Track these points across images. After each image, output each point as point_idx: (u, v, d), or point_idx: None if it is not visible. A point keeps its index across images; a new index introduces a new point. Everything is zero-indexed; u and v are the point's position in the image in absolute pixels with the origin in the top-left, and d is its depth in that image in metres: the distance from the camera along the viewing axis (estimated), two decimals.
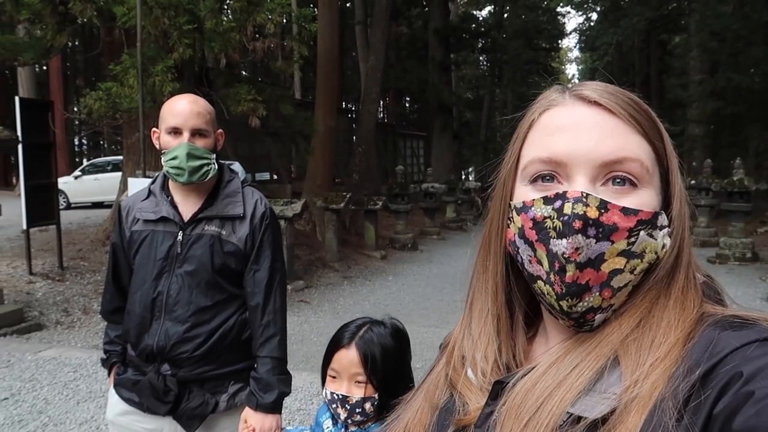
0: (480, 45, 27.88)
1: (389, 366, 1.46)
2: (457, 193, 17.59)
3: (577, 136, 0.61)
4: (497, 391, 0.63)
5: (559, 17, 34.33)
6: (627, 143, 0.61)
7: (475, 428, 0.64)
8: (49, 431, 3.71)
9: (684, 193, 0.65)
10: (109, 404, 1.95)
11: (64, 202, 16.17)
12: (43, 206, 7.50)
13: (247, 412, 1.78)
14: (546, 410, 0.56)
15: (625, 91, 0.65)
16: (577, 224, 0.58)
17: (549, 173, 0.63)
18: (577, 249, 0.58)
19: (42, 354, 5.20)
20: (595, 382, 0.56)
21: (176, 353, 1.78)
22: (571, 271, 0.59)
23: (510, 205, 0.67)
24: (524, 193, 0.65)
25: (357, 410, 1.44)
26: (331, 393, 1.46)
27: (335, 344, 1.49)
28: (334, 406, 1.47)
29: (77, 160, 28.19)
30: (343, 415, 1.45)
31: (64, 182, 16.69)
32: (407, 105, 36.03)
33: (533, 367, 0.62)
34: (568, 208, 0.58)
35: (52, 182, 7.71)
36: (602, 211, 0.58)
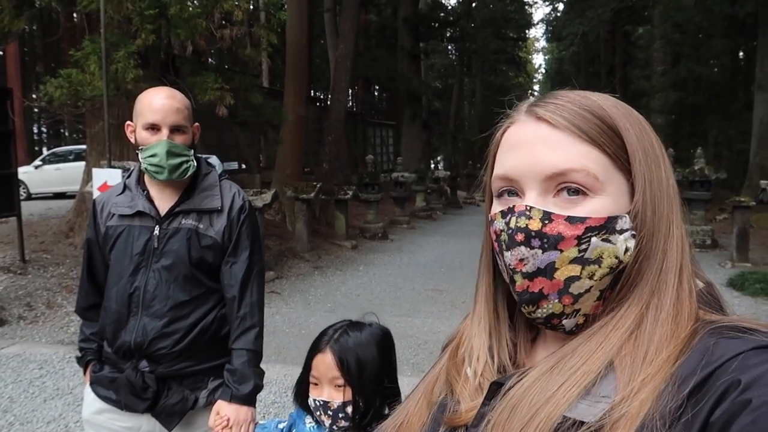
0: (449, 34, 27.93)
1: (367, 368, 1.44)
2: (427, 182, 17.70)
3: (523, 152, 0.65)
4: (494, 391, 0.64)
5: (526, 7, 34.65)
6: (569, 154, 0.62)
7: (469, 428, 0.65)
8: (15, 430, 3.61)
9: (656, 191, 0.63)
10: (84, 403, 1.91)
11: (25, 192, 15.66)
12: (3, 197, 7.26)
13: (220, 404, 1.76)
14: (538, 418, 0.57)
15: (585, 99, 0.65)
16: (519, 237, 0.61)
17: (508, 188, 0.66)
18: (521, 260, 0.62)
19: (5, 351, 5.05)
20: (588, 389, 0.57)
21: (154, 349, 1.75)
22: (519, 281, 0.62)
23: (488, 218, 0.71)
24: (494, 206, 0.69)
25: (340, 415, 1.42)
26: (314, 400, 1.45)
27: (313, 351, 1.48)
28: (318, 413, 1.46)
29: (37, 149, 27.28)
30: (327, 422, 1.44)
31: (24, 172, 16.14)
32: (376, 94, 35.94)
33: (528, 370, 0.63)
34: (513, 222, 0.62)
35: (11, 172, 7.46)
36: (545, 222, 0.61)
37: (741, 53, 22.09)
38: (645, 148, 0.64)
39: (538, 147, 0.63)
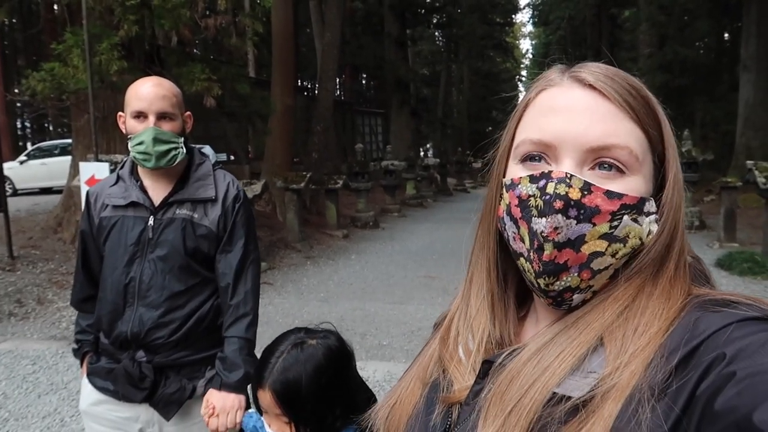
0: (435, 20, 27.80)
1: (312, 400, 1.30)
2: (417, 169, 17.70)
3: (569, 118, 0.62)
4: (486, 369, 0.65)
5: None
6: (617, 129, 0.61)
7: (463, 405, 0.66)
8: (10, 426, 3.61)
9: (680, 182, 0.65)
10: (82, 394, 1.91)
11: (10, 188, 15.49)
12: None
13: (211, 392, 1.76)
14: (528, 397, 0.57)
15: (627, 75, 0.65)
16: (558, 204, 0.59)
17: (538, 154, 0.63)
18: (556, 228, 0.59)
19: None
20: (578, 366, 0.58)
21: (151, 339, 1.76)
22: (548, 250, 0.59)
23: (502, 182, 0.67)
24: (515, 171, 0.65)
25: None
26: (266, 426, 1.38)
27: (256, 381, 1.37)
28: None
29: (21, 144, 26.93)
30: None
31: (9, 168, 15.93)
32: (364, 82, 35.76)
33: (520, 348, 0.63)
34: (550, 188, 0.59)
35: None
36: (585, 192, 0.59)
37: (726, 35, 22.17)
38: (673, 137, 0.65)
39: (586, 115, 0.61)
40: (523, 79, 51.83)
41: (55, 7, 9.35)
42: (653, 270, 0.61)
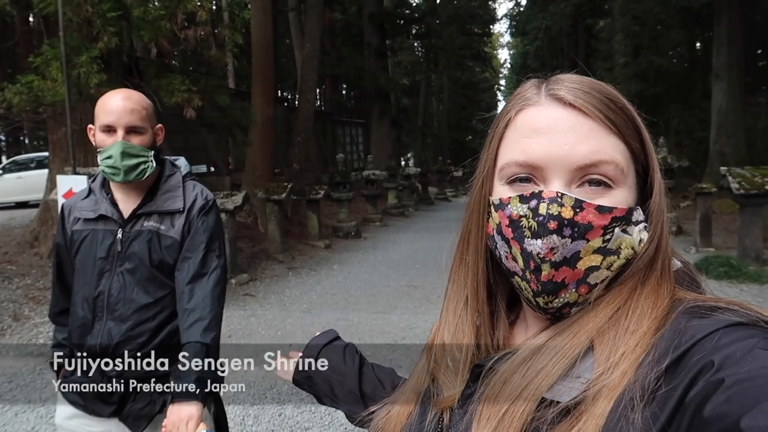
0: (414, 31, 28.04)
1: None
2: (398, 179, 17.75)
3: (553, 139, 0.62)
4: (477, 374, 0.66)
5: (489, 2, 34.94)
6: (602, 146, 0.61)
7: (455, 409, 0.67)
8: None
9: (662, 187, 0.66)
10: (57, 408, 1.88)
11: None
12: None
13: (168, 410, 1.64)
14: (522, 400, 0.58)
15: (603, 87, 0.65)
16: (552, 225, 0.59)
17: (526, 175, 0.64)
18: (552, 249, 0.60)
19: None
20: (569, 369, 0.58)
21: (120, 353, 1.72)
22: (546, 271, 0.61)
23: (489, 200, 0.67)
24: (502, 191, 0.65)
25: None
26: None
27: None
28: None
29: None
30: None
31: None
32: (344, 92, 35.86)
33: (512, 352, 0.64)
34: (543, 209, 0.60)
35: None
36: (577, 210, 0.60)
37: (698, 44, 22.70)
38: (650, 140, 0.66)
39: (570, 135, 0.61)
40: (502, 88, 52.45)
41: (31, 19, 9.24)
42: (644, 272, 0.62)
